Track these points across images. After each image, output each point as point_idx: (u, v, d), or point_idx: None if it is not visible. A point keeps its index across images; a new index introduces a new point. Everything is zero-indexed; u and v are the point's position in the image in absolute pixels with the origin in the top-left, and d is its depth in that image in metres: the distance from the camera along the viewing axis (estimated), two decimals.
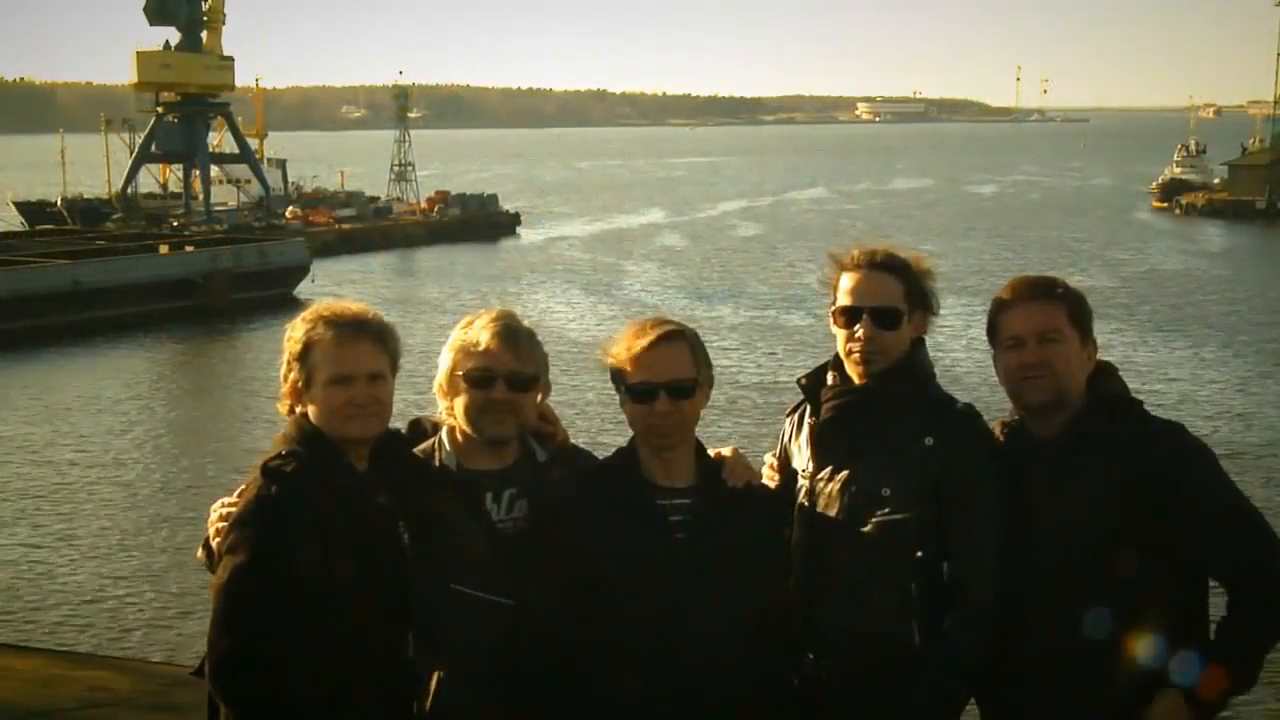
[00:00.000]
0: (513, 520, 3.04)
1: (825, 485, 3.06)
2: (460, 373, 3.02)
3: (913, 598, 2.92)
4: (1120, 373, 3.15)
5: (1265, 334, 34.15)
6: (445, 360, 3.07)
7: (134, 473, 21.66)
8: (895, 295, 3.03)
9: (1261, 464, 20.56)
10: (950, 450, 2.95)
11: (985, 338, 3.17)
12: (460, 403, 3.03)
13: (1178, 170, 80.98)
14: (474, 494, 3.04)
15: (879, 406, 3.02)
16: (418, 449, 3.13)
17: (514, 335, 3.03)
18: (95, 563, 16.96)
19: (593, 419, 23.89)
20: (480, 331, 3.02)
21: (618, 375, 2.98)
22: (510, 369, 3.01)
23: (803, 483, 3.11)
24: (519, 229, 67.47)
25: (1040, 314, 3.01)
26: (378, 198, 68.34)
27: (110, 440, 24.05)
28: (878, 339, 3.01)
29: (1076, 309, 3.05)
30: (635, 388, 2.95)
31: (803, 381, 3.18)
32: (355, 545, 2.83)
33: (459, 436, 3.09)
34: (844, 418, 3.06)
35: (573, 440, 3.29)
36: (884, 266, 3.06)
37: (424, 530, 2.98)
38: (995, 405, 3.27)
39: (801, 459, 3.15)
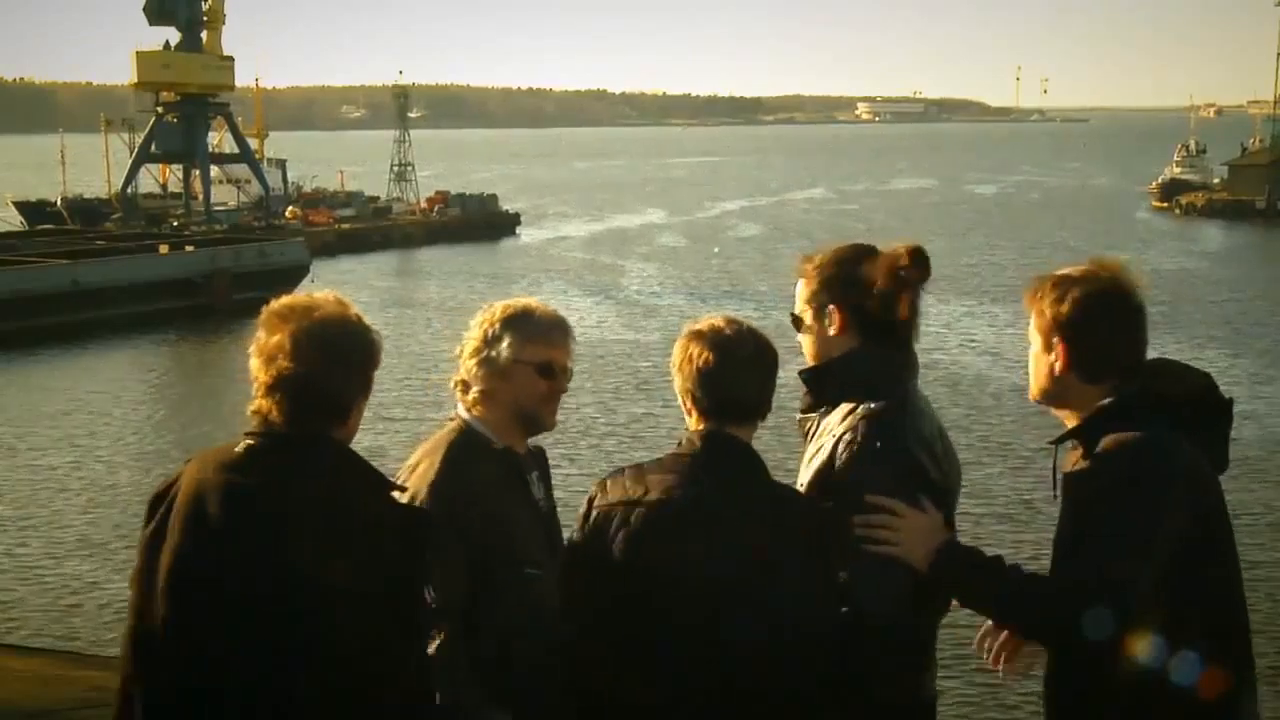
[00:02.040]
0: (542, 500, 3.17)
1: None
2: (534, 362, 3.05)
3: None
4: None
5: (1267, 334, 34.13)
6: (505, 346, 3.03)
7: (134, 473, 21.65)
8: (800, 298, 3.11)
9: (1264, 465, 20.54)
10: (841, 447, 2.92)
11: (984, 338, 3.18)
12: (523, 390, 3.05)
13: (1178, 170, 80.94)
14: (525, 476, 3.14)
15: (814, 403, 3.11)
16: (438, 437, 3.09)
17: (571, 330, 3.18)
18: (95, 563, 16.96)
19: (591, 418, 23.90)
20: (551, 323, 3.10)
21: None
22: (569, 363, 3.15)
23: None
24: (519, 229, 67.50)
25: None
26: (378, 198, 68.30)
27: (110, 440, 24.07)
28: (802, 343, 3.14)
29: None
30: None
31: (801, 374, 3.25)
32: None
33: (496, 422, 3.09)
34: (801, 414, 3.17)
35: (573, 440, 3.33)
36: (802, 272, 3.13)
37: (493, 517, 2.97)
38: (995, 403, 3.27)
39: None
